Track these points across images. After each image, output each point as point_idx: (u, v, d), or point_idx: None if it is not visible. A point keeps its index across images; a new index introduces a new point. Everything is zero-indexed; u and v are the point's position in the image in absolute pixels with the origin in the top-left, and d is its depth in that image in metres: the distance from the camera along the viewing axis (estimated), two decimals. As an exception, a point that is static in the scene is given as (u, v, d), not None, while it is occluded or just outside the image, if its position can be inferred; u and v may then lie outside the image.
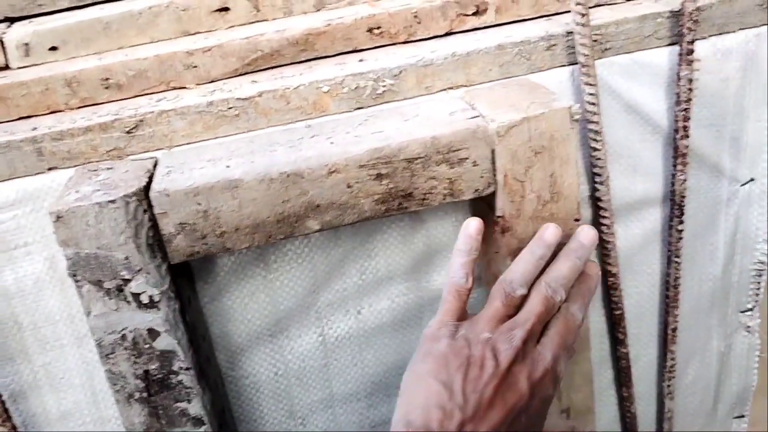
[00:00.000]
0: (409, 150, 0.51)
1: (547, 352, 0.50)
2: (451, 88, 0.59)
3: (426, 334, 0.51)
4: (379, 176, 0.51)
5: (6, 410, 0.57)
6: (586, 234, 0.54)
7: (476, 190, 0.53)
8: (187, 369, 0.54)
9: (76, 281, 0.50)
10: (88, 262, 0.49)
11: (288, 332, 0.63)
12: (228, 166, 0.51)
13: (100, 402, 0.61)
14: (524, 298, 0.52)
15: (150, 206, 0.50)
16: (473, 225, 0.53)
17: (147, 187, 0.50)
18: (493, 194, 0.54)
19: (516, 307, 0.52)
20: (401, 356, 0.66)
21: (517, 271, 0.52)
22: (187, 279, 0.57)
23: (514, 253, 0.55)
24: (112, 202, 0.48)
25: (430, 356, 0.50)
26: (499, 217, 0.54)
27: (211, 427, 0.56)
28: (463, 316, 0.52)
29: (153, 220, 0.50)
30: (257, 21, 0.62)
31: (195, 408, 0.55)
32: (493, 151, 0.52)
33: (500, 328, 0.50)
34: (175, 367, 0.53)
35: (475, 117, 0.52)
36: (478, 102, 0.55)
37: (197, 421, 0.55)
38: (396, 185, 0.51)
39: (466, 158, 0.52)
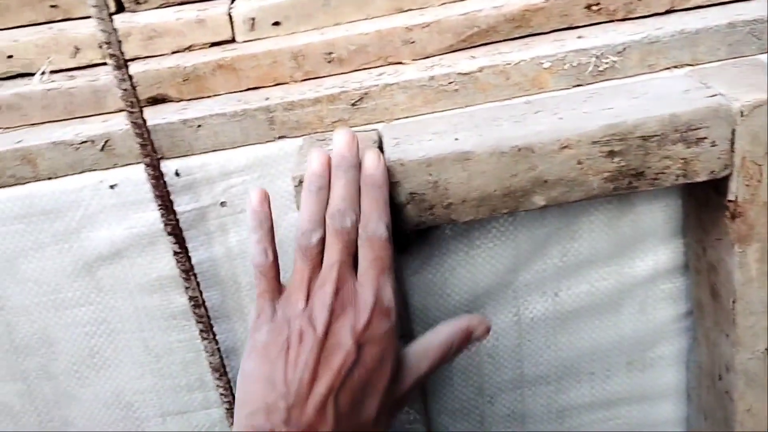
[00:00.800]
0: (646, 127, 0.49)
1: (366, 291, 0.47)
2: (675, 66, 0.57)
3: (250, 326, 0.48)
4: (611, 153, 0.50)
5: (224, 365, 0.61)
6: (339, 139, 0.48)
7: (712, 172, 0.51)
8: (400, 337, 0.55)
9: (309, 244, 0.52)
10: (322, 226, 0.51)
11: (484, 309, 0.63)
12: (456, 139, 0.51)
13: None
14: (324, 241, 0.48)
15: (382, 175, 0.51)
16: (255, 197, 0.48)
17: (379, 157, 0.51)
18: (725, 177, 0.52)
19: (320, 254, 0.48)
20: (596, 342, 0.65)
21: (303, 218, 0.48)
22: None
23: (743, 240, 0.53)
24: (350, 169, 0.50)
25: (254, 351, 0.47)
26: (730, 201, 0.52)
27: (418, 396, 0.57)
28: (277, 293, 0.48)
29: (384, 188, 0.51)
30: (471, -2, 0.62)
31: (405, 375, 0.56)
32: (733, 132, 0.50)
33: (313, 291, 0.47)
34: (391, 334, 0.54)
35: (714, 95, 0.50)
36: (711, 81, 0.53)
37: (406, 389, 0.56)
38: (628, 163, 0.50)
39: (705, 138, 0.50)
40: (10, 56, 0.61)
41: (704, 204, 0.56)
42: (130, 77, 0.51)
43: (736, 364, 0.58)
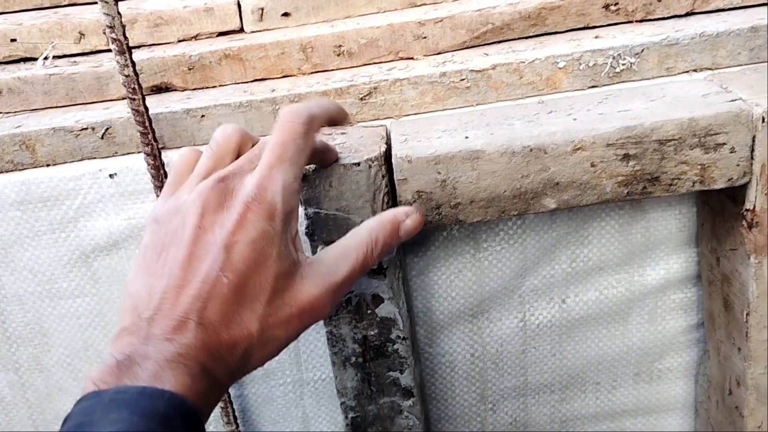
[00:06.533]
0: (663, 130, 0.48)
1: (249, 181, 0.40)
2: (694, 70, 0.55)
3: None
4: (626, 157, 0.48)
5: (220, 362, 0.59)
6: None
7: (729, 179, 0.49)
8: (403, 339, 0.53)
9: (312, 241, 0.50)
10: (326, 222, 0.50)
11: (489, 314, 0.62)
12: (467, 137, 0.50)
13: (302, 364, 0.62)
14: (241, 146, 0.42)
15: (389, 172, 0.50)
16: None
17: (386, 153, 0.50)
18: (743, 186, 0.50)
19: (232, 155, 0.42)
20: (603, 351, 0.63)
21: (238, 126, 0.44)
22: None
23: (760, 250, 0.51)
24: (356, 165, 0.48)
25: (137, 258, 0.41)
26: (747, 210, 0.50)
27: (418, 400, 0.55)
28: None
29: (390, 186, 0.50)
30: (483, -6, 0.61)
31: (406, 379, 0.54)
32: (753, 138, 0.48)
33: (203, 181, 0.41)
34: (393, 336, 0.53)
35: (735, 100, 0.49)
36: (732, 85, 0.51)
37: (407, 393, 0.55)
38: (643, 168, 0.49)
39: (724, 144, 0.48)
40: (14, 40, 0.60)
41: (719, 213, 0.55)
42: (133, 63, 0.49)
43: (748, 379, 0.56)
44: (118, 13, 0.48)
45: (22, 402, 0.63)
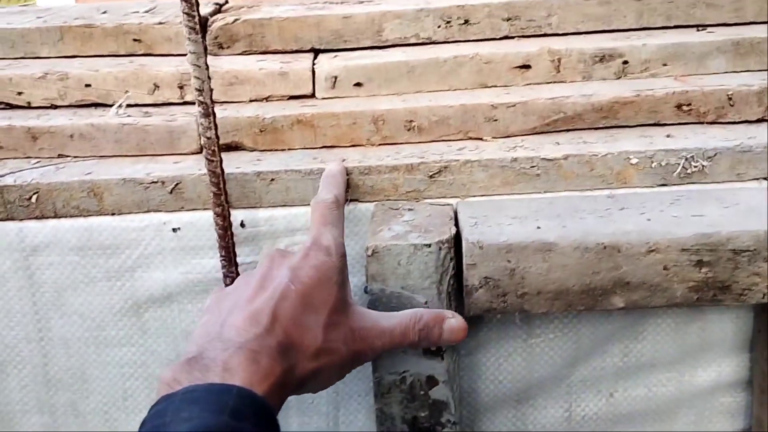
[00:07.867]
0: (739, 241, 0.48)
1: (307, 240, 0.48)
2: (764, 178, 0.55)
3: None
4: (699, 263, 0.48)
5: (261, 426, 0.58)
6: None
7: (800, 294, 0.49)
8: (453, 423, 0.52)
9: (374, 317, 0.50)
10: (390, 299, 0.49)
11: (535, 401, 0.61)
12: (539, 228, 0.50)
13: (340, 435, 0.61)
14: None
15: (458, 254, 0.49)
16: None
17: (456, 236, 0.50)
18: (811, 301, 0.49)
19: None
20: (646, 449, 0.62)
21: None
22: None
23: (826, 368, 0.50)
24: (428, 246, 0.48)
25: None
26: (815, 326, 0.50)
27: (461, 487, 0.54)
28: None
29: (457, 269, 0.50)
30: (555, 82, 0.62)
31: (452, 464, 0.53)
32: (827, 256, 0.48)
33: None
34: (443, 419, 0.52)
35: (810, 216, 0.48)
36: (805, 199, 0.51)
37: (451, 479, 0.54)
38: (715, 275, 0.48)
39: (797, 259, 0.48)
40: (88, 85, 0.61)
41: (779, 323, 0.54)
42: (216, 126, 0.50)
43: (800, 496, 0.55)
44: (209, 77, 0.49)
45: (54, 447, 0.62)
